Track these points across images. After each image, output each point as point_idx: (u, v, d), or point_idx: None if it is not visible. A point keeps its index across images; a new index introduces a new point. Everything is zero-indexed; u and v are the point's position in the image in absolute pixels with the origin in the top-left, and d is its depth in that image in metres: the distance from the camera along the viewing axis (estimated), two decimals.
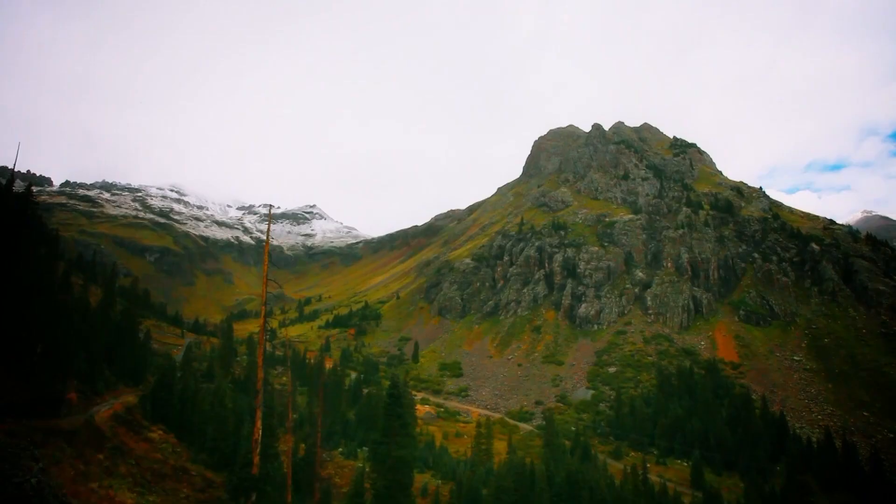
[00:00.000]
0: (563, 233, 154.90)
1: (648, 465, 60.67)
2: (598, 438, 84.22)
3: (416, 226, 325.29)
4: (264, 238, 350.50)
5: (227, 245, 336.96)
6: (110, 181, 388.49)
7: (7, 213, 41.28)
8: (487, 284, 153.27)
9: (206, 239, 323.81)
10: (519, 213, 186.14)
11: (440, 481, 57.72)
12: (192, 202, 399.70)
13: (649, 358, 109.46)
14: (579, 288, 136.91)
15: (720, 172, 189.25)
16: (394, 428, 31.97)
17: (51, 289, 50.94)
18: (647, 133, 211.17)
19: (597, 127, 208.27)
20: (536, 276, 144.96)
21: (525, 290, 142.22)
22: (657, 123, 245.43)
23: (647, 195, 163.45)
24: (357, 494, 39.60)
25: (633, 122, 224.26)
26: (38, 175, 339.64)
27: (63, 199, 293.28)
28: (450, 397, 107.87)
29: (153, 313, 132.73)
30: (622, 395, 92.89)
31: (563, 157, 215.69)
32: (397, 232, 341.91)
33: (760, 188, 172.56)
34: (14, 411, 29.98)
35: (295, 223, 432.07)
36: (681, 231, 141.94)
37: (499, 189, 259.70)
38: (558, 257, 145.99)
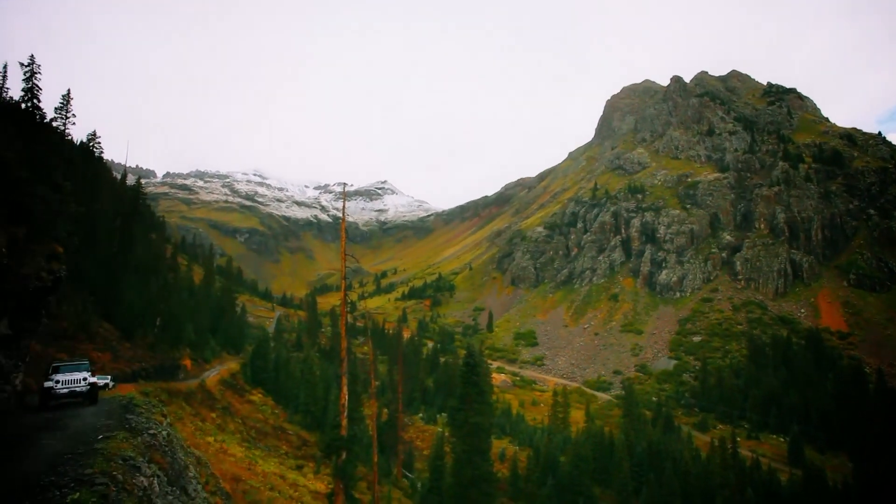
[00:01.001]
0: (640, 196, 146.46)
1: (739, 440, 57.45)
2: (682, 410, 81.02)
3: (487, 196, 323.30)
4: (340, 215, 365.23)
5: (306, 223, 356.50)
6: (203, 170, 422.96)
7: (124, 205, 46.62)
8: (561, 253, 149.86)
9: (287, 219, 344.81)
10: (592, 178, 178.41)
11: (517, 447, 58.91)
12: (273, 185, 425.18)
13: (739, 326, 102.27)
14: (659, 254, 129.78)
15: (826, 120, 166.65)
16: (470, 395, 32.93)
17: (162, 269, 57.27)
18: (735, 82, 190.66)
19: (676, 80, 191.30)
20: (612, 243, 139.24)
21: (600, 258, 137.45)
22: (747, 70, 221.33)
23: (736, 151, 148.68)
24: (438, 457, 41.64)
25: (718, 70, 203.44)
26: (144, 168, 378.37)
27: (165, 189, 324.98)
28: (525, 366, 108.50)
29: (247, 289, 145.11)
30: (708, 366, 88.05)
31: (638, 115, 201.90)
32: (468, 203, 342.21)
33: (879, 133, 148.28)
34: (144, 375, 34.62)
35: (368, 199, 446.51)
36: (776, 188, 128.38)
37: (570, 154, 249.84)
38: (635, 222, 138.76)
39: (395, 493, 38.23)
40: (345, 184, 25.73)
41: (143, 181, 59.39)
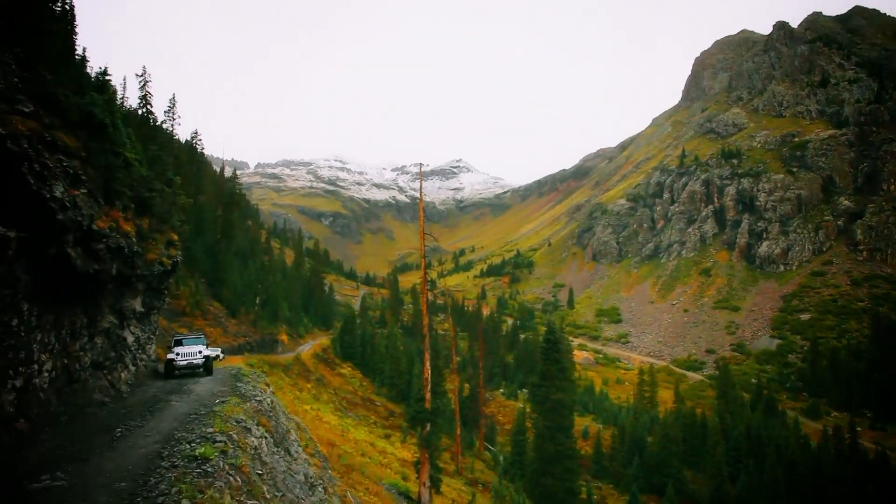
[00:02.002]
0: (735, 161, 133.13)
1: (859, 429, 51.47)
2: (787, 393, 74.29)
3: (564, 169, 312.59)
4: (417, 196, 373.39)
5: (386, 205, 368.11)
6: (289, 159, 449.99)
7: (224, 195, 51.15)
8: (645, 226, 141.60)
9: (367, 201, 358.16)
10: (679, 145, 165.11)
11: (601, 426, 57.75)
12: (352, 169, 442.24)
13: (860, 303, 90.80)
14: (759, 224, 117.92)
15: None
16: (551, 372, 32.73)
17: (258, 253, 62.40)
18: (858, 20, 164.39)
19: (780, 26, 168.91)
20: (703, 214, 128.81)
21: (690, 230, 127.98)
22: (876, 3, 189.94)
23: (858, 102, 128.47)
24: (519, 432, 42.09)
25: (834, 9, 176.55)
26: (238, 161, 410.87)
27: (257, 179, 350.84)
28: (608, 343, 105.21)
29: (333, 269, 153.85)
30: (819, 346, 79.50)
31: (733, 71, 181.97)
32: (545, 177, 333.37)
33: None
34: (248, 348, 38.31)
35: (444, 178, 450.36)
36: None
37: (654, 120, 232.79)
38: (730, 190, 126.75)
39: (477, 465, 39.33)
40: (421, 164, 26.32)
41: (238, 172, 64.59)
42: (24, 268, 8.22)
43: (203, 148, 61.28)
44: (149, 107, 35.78)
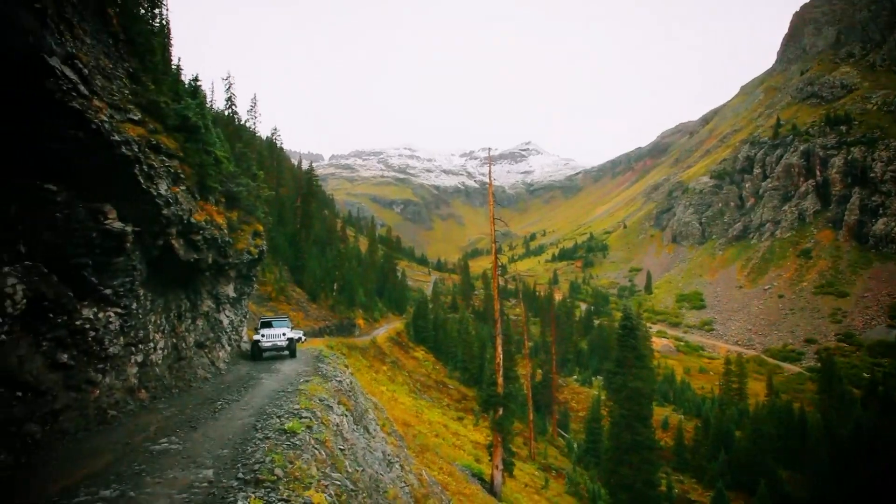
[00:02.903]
0: (843, 128, 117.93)
1: None
2: None
3: (640, 147, 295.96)
4: (487, 180, 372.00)
5: (455, 191, 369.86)
6: (361, 149, 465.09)
7: (302, 187, 54.08)
8: (732, 204, 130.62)
9: (437, 187, 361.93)
10: (773, 113, 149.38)
11: (682, 416, 54.90)
12: (421, 156, 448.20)
13: None
14: (873, 198, 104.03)
15: None
16: (628, 359, 31.52)
17: (335, 241, 65.46)
18: None
19: None
20: (802, 189, 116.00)
21: (786, 208, 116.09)
22: None
23: None
24: (594, 420, 41.14)
25: None
26: (314, 154, 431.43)
27: (332, 170, 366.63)
28: (690, 330, 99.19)
29: (405, 256, 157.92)
30: None
31: (842, 24, 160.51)
32: (619, 157, 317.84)
33: None
34: (328, 331, 40.54)
35: (513, 162, 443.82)
36: None
37: (742, 88, 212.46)
38: (837, 161, 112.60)
39: (550, 451, 39.08)
40: (489, 148, 25.96)
41: (313, 165, 67.87)
42: (139, 258, 9.30)
43: (282, 143, 65.13)
44: (233, 107, 38.65)
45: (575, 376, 69.90)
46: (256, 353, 17.74)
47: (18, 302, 6.59)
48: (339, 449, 7.97)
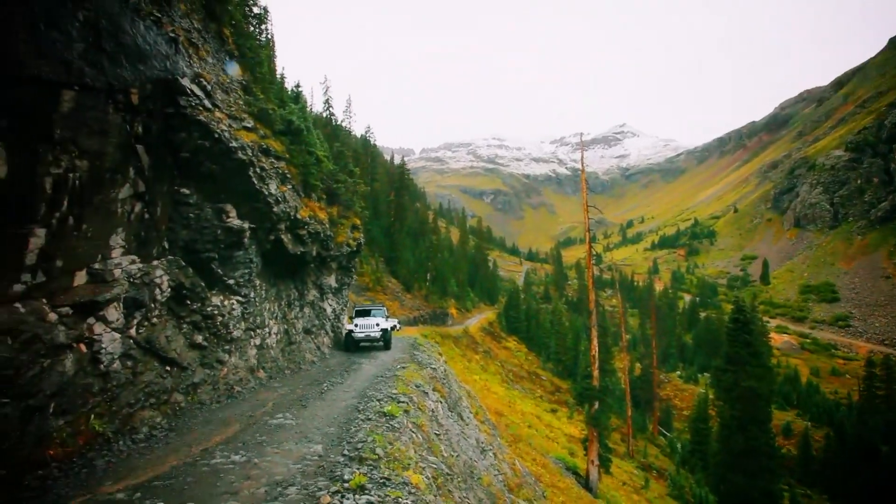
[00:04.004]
0: None
1: None
2: None
3: (753, 122, 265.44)
4: (579, 167, 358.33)
5: (545, 179, 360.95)
6: (450, 141, 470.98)
7: (394, 181, 56.19)
8: (876, 180, 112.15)
9: (527, 176, 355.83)
10: None
11: (809, 423, 48.92)
12: (510, 145, 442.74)
13: None
14: None
15: None
16: (740, 356, 28.69)
17: (427, 233, 67.22)
18: None
19: None
20: None
21: None
22: None
23: None
24: (700, 419, 38.12)
25: None
26: (405, 148, 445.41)
27: (422, 163, 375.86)
28: (819, 326, 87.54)
29: (496, 246, 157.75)
30: None
31: None
32: (728, 134, 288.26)
33: None
34: (422, 320, 41.90)
35: (607, 146, 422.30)
36: None
37: (891, 41, 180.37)
38: None
39: (651, 450, 36.99)
40: (581, 133, 24.92)
41: (405, 159, 70.03)
42: (255, 252, 10.34)
43: (375, 140, 68.03)
44: (330, 109, 41.21)
45: (678, 372, 65.22)
46: (350, 344, 17.22)
47: (164, 290, 7.67)
48: (435, 434, 8.25)
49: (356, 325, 17.24)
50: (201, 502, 4.34)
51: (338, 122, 48.51)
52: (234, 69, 10.88)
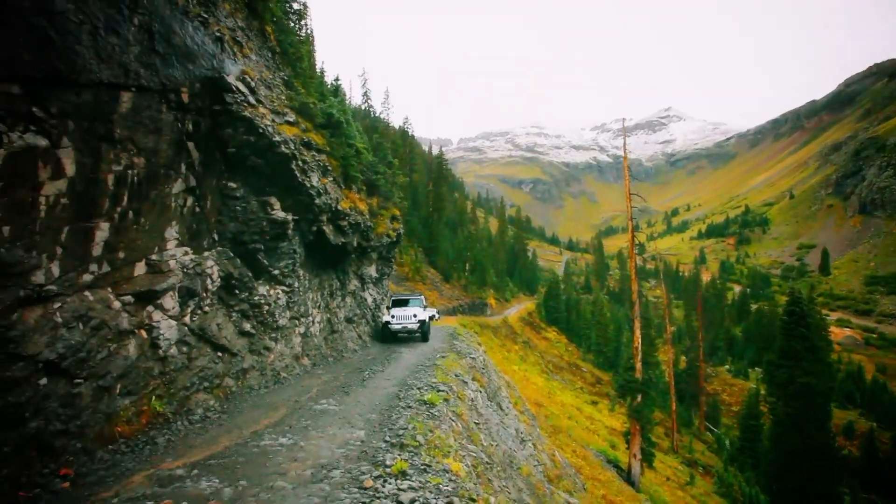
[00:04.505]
0: None
1: None
2: None
3: (813, 101, 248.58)
4: (621, 154, 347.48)
5: (586, 167, 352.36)
6: (488, 131, 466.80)
7: (433, 172, 56.34)
8: None
9: (567, 164, 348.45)
10: None
11: (874, 424, 45.98)
12: (549, 133, 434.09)
13: None
14: None
15: None
16: (796, 350, 27.21)
17: (465, 223, 67.19)
18: None
19: None
20: None
21: None
22: None
23: None
24: (751, 416, 36.54)
25: None
26: (443, 138, 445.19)
27: (460, 154, 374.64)
28: (887, 320, 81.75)
29: (535, 235, 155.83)
30: None
31: None
32: (784, 115, 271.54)
33: None
34: (461, 310, 42.07)
35: (650, 131, 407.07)
36: None
37: None
38: None
39: (697, 445, 35.82)
40: (623, 119, 24.10)
41: (443, 149, 69.96)
42: (298, 243, 10.67)
43: (413, 131, 68.26)
44: (369, 101, 41.67)
45: (727, 366, 62.66)
46: (386, 336, 16.51)
47: (215, 280, 8.04)
48: (475, 423, 8.31)
49: (393, 316, 16.59)
50: (253, 481, 4.57)
51: (376, 114, 49.01)
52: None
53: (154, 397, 6.41)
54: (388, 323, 16.47)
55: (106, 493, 4.41)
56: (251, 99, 8.36)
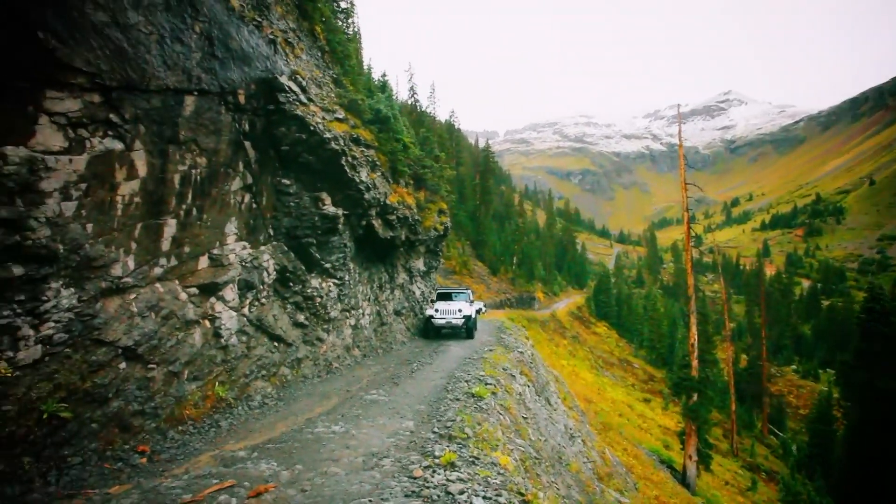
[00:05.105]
0: None
1: None
2: None
3: None
4: (675, 142, 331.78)
5: (638, 156, 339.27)
6: (535, 122, 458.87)
7: (479, 165, 56.11)
8: None
9: (617, 154, 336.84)
10: None
11: None
12: (599, 122, 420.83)
13: None
14: None
15: None
16: (874, 351, 25.09)
17: (513, 216, 66.53)
18: None
19: None
20: None
21: None
22: None
23: None
24: (821, 420, 34.13)
25: None
26: (489, 131, 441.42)
27: (507, 146, 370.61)
28: None
29: (584, 228, 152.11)
30: None
31: None
32: (863, 94, 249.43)
33: None
34: (508, 304, 41.82)
35: (708, 117, 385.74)
36: None
37: None
38: None
39: (759, 450, 33.91)
40: (678, 105, 22.92)
41: (489, 142, 69.43)
42: (349, 237, 10.95)
43: (459, 124, 68.14)
44: (415, 96, 41.96)
45: (793, 366, 58.77)
46: (429, 331, 15.83)
47: (271, 273, 8.42)
48: (523, 417, 8.26)
49: (437, 310, 15.87)
50: (308, 465, 4.78)
51: (422, 109, 49.25)
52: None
53: (217, 383, 6.82)
54: (431, 317, 15.84)
55: (178, 470, 4.76)
56: (302, 98, 8.64)
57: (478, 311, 20.38)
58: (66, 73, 4.49)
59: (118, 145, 5.11)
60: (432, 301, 17.16)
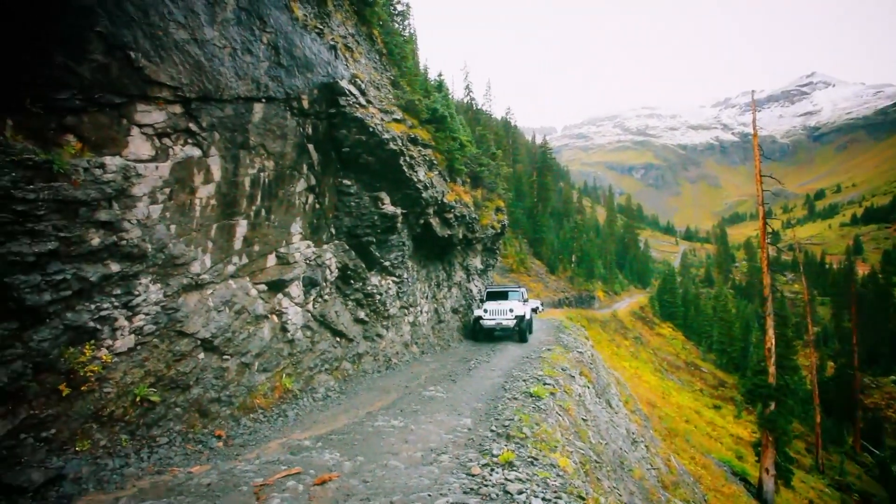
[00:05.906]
0: None
1: None
2: None
3: None
4: (747, 131, 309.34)
5: (706, 148, 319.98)
6: (594, 116, 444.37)
7: (536, 161, 55.23)
8: None
9: (683, 147, 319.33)
10: None
11: None
12: (663, 114, 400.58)
13: None
14: None
15: None
16: None
17: (571, 213, 64.94)
18: None
19: None
20: None
21: None
22: None
23: None
24: None
25: None
26: (546, 127, 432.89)
27: (565, 141, 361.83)
28: None
29: (647, 224, 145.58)
30: None
31: None
32: None
33: None
34: (567, 303, 40.87)
35: (787, 103, 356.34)
36: None
37: None
38: None
39: (851, 467, 30.93)
40: (752, 91, 21.29)
41: (547, 138, 68.10)
42: (407, 235, 11.15)
43: (515, 121, 67.42)
44: (471, 94, 42.00)
45: (893, 377, 53.00)
46: (478, 333, 14.54)
47: (333, 271, 8.75)
48: (582, 419, 8.06)
49: (486, 311, 14.56)
50: (369, 457, 4.93)
51: (478, 107, 49.20)
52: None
53: (284, 375, 7.19)
54: (479, 318, 14.49)
55: (250, 455, 5.08)
56: (362, 100, 8.89)
57: (534, 311, 19.73)
58: (153, 88, 4.92)
59: (196, 152, 5.52)
60: (481, 301, 15.97)
